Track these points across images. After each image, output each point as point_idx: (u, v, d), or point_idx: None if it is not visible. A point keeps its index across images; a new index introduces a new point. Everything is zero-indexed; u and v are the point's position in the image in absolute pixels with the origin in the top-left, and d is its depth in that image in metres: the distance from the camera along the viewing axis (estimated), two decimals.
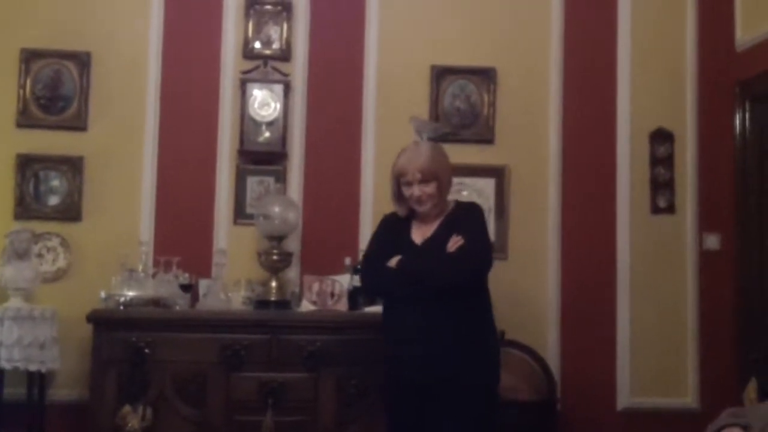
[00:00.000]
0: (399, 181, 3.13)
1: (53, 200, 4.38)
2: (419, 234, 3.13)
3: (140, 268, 4.10)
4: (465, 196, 4.40)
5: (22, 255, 4.05)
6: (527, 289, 4.51)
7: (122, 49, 4.48)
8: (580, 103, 4.64)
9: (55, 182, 4.38)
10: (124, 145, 4.43)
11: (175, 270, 4.16)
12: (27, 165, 4.36)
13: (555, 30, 4.67)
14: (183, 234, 4.38)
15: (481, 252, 3.05)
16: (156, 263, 4.21)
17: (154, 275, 4.13)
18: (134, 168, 4.42)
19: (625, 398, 4.53)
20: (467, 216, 3.12)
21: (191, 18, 4.55)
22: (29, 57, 4.42)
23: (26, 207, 4.34)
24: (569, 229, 4.57)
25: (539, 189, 4.59)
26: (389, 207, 4.48)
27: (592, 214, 4.60)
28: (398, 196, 3.17)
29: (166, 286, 4.08)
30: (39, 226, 4.27)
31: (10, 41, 4.42)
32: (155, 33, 4.51)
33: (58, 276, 4.31)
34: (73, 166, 4.37)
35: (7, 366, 3.85)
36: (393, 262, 3.05)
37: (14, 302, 3.98)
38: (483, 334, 3.09)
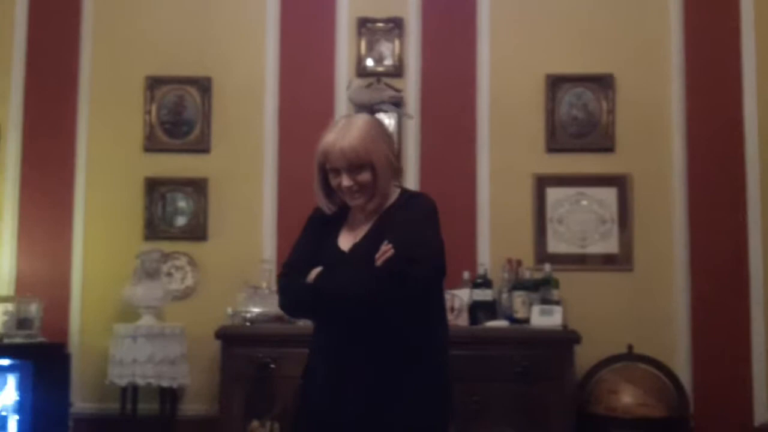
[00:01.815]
0: (324, 167, 2.29)
1: (180, 221, 4.54)
2: (349, 237, 2.31)
3: (264, 285, 4.20)
4: (584, 206, 4.30)
5: (152, 274, 4.21)
6: (654, 301, 4.36)
7: (241, 72, 4.61)
8: (703, 108, 4.46)
9: (182, 203, 4.54)
10: (245, 166, 4.54)
11: None
12: (154, 188, 4.53)
13: (674, 32, 4.51)
14: None
15: (419, 262, 2.11)
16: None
17: (275, 292, 4.20)
18: (256, 187, 4.52)
19: (762, 413, 4.30)
20: (405, 211, 2.24)
21: (305, 39, 4.64)
22: (153, 84, 4.61)
23: (155, 228, 4.51)
24: (696, 238, 4.39)
25: (664, 197, 4.44)
26: (509, 219, 4.45)
27: (721, 221, 4.40)
28: (324, 187, 2.32)
29: None
30: (167, 246, 4.43)
31: (136, 69, 4.61)
32: (271, 55, 4.62)
33: (186, 294, 4.45)
34: (197, 187, 4.53)
35: (141, 382, 4.01)
36: (313, 275, 2.21)
37: (146, 320, 4.14)
38: (423, 375, 2.21)
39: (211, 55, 4.61)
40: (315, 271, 2.20)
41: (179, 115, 4.61)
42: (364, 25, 4.61)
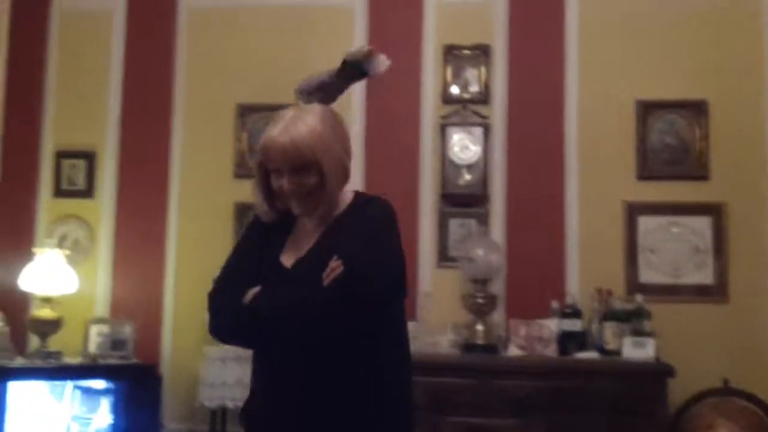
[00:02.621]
0: (265, 167, 1.95)
1: None
2: (294, 250, 1.97)
3: None
4: (677, 235, 4.19)
5: None
6: (751, 334, 4.20)
7: None
8: None
9: None
10: None
11: None
12: (244, 213, 4.60)
13: None
14: None
15: (373, 279, 1.82)
16: None
17: None
18: None
19: None
20: (357, 219, 1.92)
21: (392, 66, 4.66)
22: (244, 111, 4.71)
23: None
24: None
25: (760, 226, 4.29)
26: (598, 248, 4.37)
27: None
28: (265, 190, 1.97)
29: None
30: None
31: (227, 97, 4.72)
32: (358, 83, 4.65)
33: None
34: None
35: (230, 405, 4.09)
36: (250, 295, 1.88)
37: None
38: (381, 409, 1.91)
39: (298, 84, 4.68)
40: (252, 291, 1.87)
41: None
42: (450, 52, 4.62)
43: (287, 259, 1.95)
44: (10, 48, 4.79)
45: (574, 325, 4.09)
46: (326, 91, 2.00)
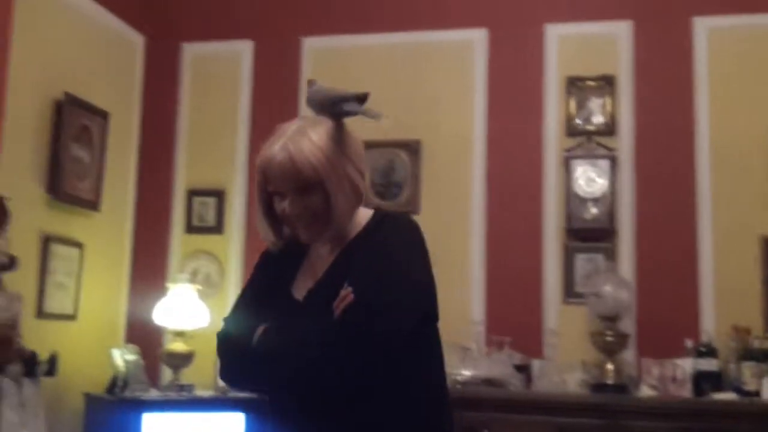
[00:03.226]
0: (265, 188, 1.76)
1: None
2: (307, 280, 1.78)
3: (474, 347, 4.18)
4: None
5: None
6: None
7: (449, 134, 4.68)
8: None
9: None
10: (454, 227, 4.58)
11: (508, 349, 4.18)
12: None
13: None
14: (513, 313, 4.39)
15: (387, 311, 1.57)
16: (488, 342, 4.27)
17: (487, 354, 4.18)
18: (464, 249, 4.54)
19: None
20: (373, 240, 1.70)
21: (513, 100, 4.65)
22: (366, 147, 4.76)
23: None
24: None
25: None
26: (734, 284, 4.18)
27: None
28: (268, 215, 1.78)
29: (500, 366, 4.10)
30: None
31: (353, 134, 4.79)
32: (479, 117, 4.66)
33: None
34: None
35: None
36: (257, 334, 1.68)
37: None
38: None
39: (420, 119, 4.72)
40: (260, 330, 1.67)
41: (389, 177, 4.73)
42: (573, 83, 4.56)
43: (299, 290, 1.75)
44: (144, 93, 5.04)
45: (709, 364, 3.91)
46: (335, 111, 1.74)
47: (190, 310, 4.39)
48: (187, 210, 4.93)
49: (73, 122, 4.32)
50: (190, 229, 4.92)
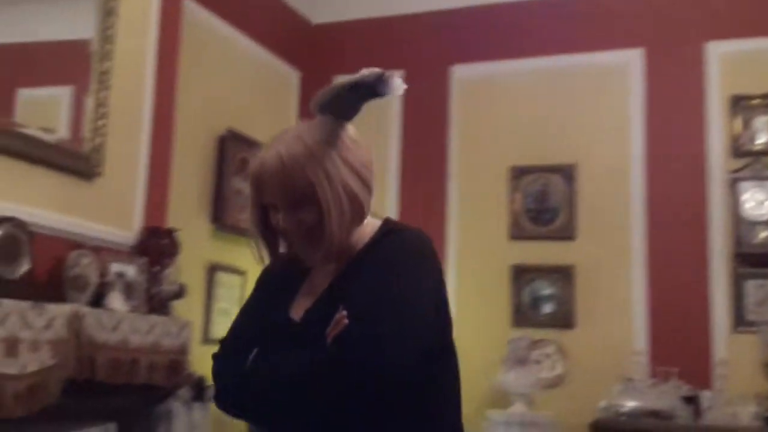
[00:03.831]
0: (260, 201, 1.55)
1: (547, 308, 4.54)
2: (306, 298, 1.58)
3: (638, 377, 4.03)
4: None
5: (522, 362, 4.25)
6: None
7: (606, 157, 4.57)
8: None
9: (548, 291, 4.55)
10: (612, 253, 4.45)
11: (674, 380, 4.01)
12: (520, 275, 4.60)
13: None
14: (679, 343, 4.21)
15: (381, 340, 1.36)
16: (653, 373, 4.11)
17: (652, 386, 4.02)
18: (624, 275, 4.40)
19: None
20: (377, 258, 1.49)
21: (672, 121, 4.49)
22: (517, 173, 4.73)
23: (522, 315, 4.56)
24: None
25: None
26: None
27: None
28: (264, 229, 1.56)
29: (666, 398, 3.94)
30: (535, 334, 4.45)
31: (500, 160, 4.77)
32: (637, 139, 4.53)
33: (555, 383, 4.41)
34: (564, 274, 4.51)
35: None
36: (251, 358, 1.54)
37: (518, 407, 4.16)
38: None
39: (574, 142, 4.63)
40: (252, 354, 1.52)
41: (544, 202, 4.66)
42: (738, 103, 4.36)
43: (297, 310, 1.55)
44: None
45: None
46: (340, 106, 1.52)
47: None
48: None
49: (234, 156, 4.50)
50: None
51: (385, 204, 4.96)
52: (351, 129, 1.54)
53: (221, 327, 4.35)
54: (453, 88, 4.97)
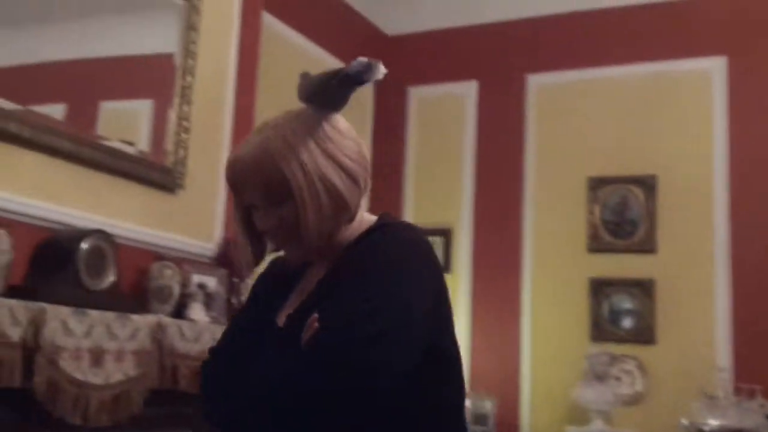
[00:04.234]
0: (240, 201, 1.44)
1: (626, 323, 4.44)
2: (294, 302, 1.46)
3: (721, 394, 3.91)
4: None
5: (601, 377, 4.16)
6: None
7: (688, 168, 4.45)
8: None
9: (628, 305, 4.45)
10: (694, 267, 4.33)
11: (759, 398, 3.87)
12: (599, 288, 4.51)
13: None
14: (764, 359, 4.08)
15: (351, 346, 1.23)
16: (736, 390, 3.98)
17: (735, 403, 3.89)
18: (706, 289, 4.28)
19: None
20: (358, 256, 1.35)
21: (756, 130, 4.36)
22: (596, 184, 4.64)
23: (601, 330, 4.47)
24: None
25: None
26: None
27: None
28: (246, 229, 1.44)
29: (750, 416, 3.81)
30: (615, 349, 4.36)
31: (578, 171, 4.69)
32: (720, 149, 4.41)
33: (635, 399, 4.31)
34: (644, 288, 4.41)
35: None
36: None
37: (597, 424, 4.09)
38: None
39: (655, 153, 4.53)
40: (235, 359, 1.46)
41: (623, 214, 4.57)
42: None
43: (283, 315, 1.44)
44: (373, 135, 5.21)
45: None
46: (326, 96, 1.40)
47: None
48: None
49: None
50: None
51: (459, 215, 4.93)
52: (339, 120, 1.42)
53: None
54: (529, 98, 4.92)
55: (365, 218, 1.44)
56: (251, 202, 1.39)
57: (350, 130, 1.42)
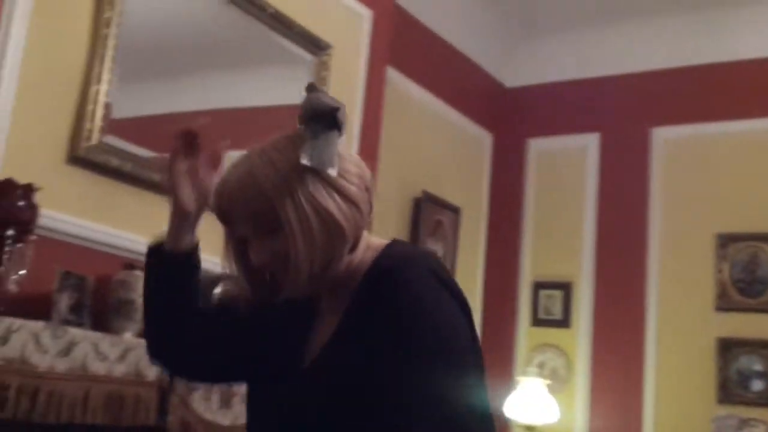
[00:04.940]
0: (232, 234, 1.31)
1: (756, 385, 4.24)
2: (323, 334, 1.29)
3: None
4: None
5: None
6: None
7: None
8: None
9: (758, 366, 4.25)
10: None
11: None
12: (727, 349, 4.33)
13: None
14: None
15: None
16: None
17: None
18: None
19: None
20: (373, 319, 1.19)
21: None
22: (725, 241, 4.48)
23: (729, 392, 4.28)
24: None
25: None
26: None
27: None
28: (239, 260, 1.31)
29: None
30: (743, 412, 4.15)
31: (705, 226, 4.54)
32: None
33: None
34: None
35: None
36: None
37: None
38: None
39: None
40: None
41: (753, 273, 4.39)
42: None
43: (310, 351, 1.30)
44: (491, 187, 5.21)
45: None
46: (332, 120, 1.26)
47: (540, 404, 4.35)
48: (533, 302, 4.95)
49: (429, 218, 4.58)
50: (537, 321, 4.92)
51: (580, 269, 4.85)
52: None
53: None
54: (654, 151, 4.82)
55: (373, 243, 1.30)
56: (243, 233, 1.26)
57: (347, 150, 1.28)
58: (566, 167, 5.09)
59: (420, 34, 4.57)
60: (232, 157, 1.32)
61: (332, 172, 1.21)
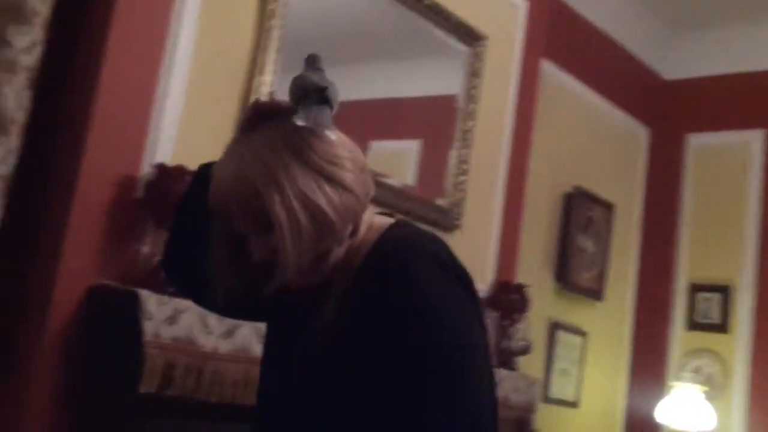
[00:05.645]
0: (229, 227, 1.25)
1: None
2: (326, 315, 1.25)
3: None
4: None
5: None
6: None
7: None
8: None
9: None
10: None
11: None
12: None
13: None
14: None
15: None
16: None
17: None
18: None
19: None
20: (369, 323, 1.15)
21: None
22: None
23: None
24: None
25: None
26: None
27: None
28: (232, 254, 1.26)
29: None
30: None
31: None
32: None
33: None
34: None
35: None
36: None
37: None
38: None
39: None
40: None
41: None
42: None
43: (284, 344, 1.29)
44: (647, 184, 5.02)
45: None
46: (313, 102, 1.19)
47: (695, 411, 4.15)
48: (690, 305, 4.73)
49: (580, 214, 4.45)
50: (693, 325, 4.70)
51: (740, 271, 4.60)
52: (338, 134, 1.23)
53: (560, 387, 4.29)
54: None
55: (374, 223, 1.26)
56: (241, 230, 1.21)
57: (341, 136, 1.22)
58: (727, 164, 4.83)
59: (575, 25, 4.45)
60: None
61: (331, 135, 1.17)
